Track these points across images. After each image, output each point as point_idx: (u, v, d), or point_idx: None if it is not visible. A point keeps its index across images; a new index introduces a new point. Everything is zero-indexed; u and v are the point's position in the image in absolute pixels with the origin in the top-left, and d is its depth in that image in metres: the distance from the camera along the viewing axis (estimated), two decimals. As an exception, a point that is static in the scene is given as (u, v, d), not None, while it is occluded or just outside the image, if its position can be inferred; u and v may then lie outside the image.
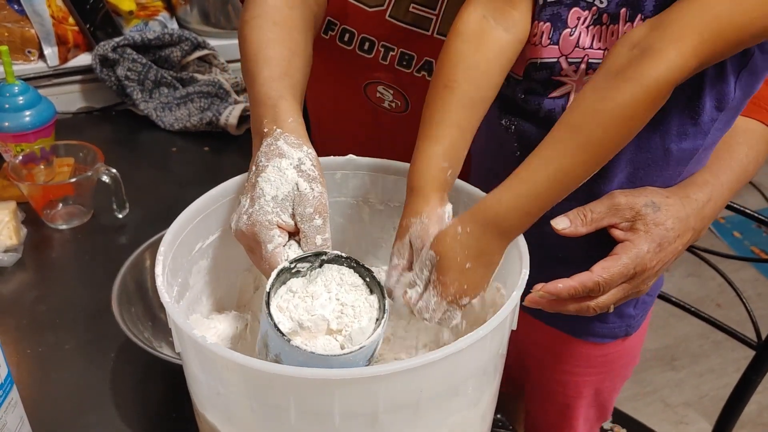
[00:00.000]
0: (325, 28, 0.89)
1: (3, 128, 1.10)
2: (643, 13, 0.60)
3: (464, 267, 0.55)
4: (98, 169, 1.05)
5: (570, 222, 0.64)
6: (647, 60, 0.55)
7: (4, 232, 1.00)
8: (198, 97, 1.33)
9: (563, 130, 0.56)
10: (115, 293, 0.84)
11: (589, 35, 0.64)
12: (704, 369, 1.95)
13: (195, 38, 1.39)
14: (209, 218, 0.62)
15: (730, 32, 0.56)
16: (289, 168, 0.58)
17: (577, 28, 0.64)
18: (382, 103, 0.92)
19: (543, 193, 0.55)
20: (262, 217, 0.57)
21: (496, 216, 0.55)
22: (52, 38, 1.36)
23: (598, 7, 0.63)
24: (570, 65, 0.66)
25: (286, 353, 0.53)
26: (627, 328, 0.81)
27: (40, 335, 0.89)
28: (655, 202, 0.66)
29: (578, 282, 0.62)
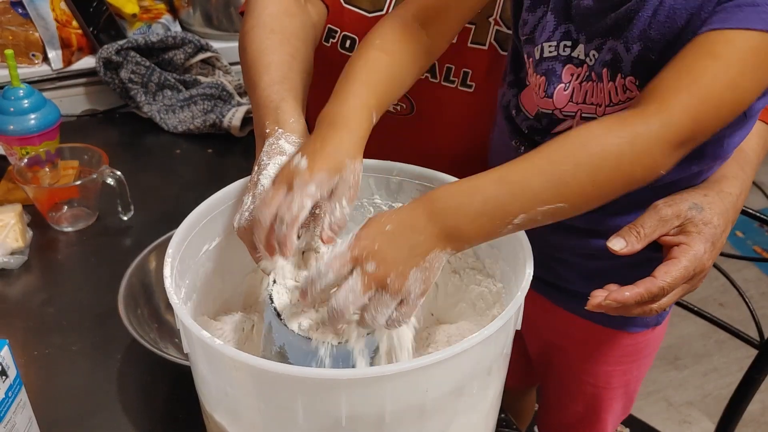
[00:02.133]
0: (326, 36, 0.89)
1: (8, 131, 1.10)
2: (623, 73, 0.63)
3: (384, 228, 0.52)
4: (103, 172, 1.06)
5: (626, 242, 0.65)
6: (637, 122, 0.55)
7: (10, 234, 1.01)
8: (201, 99, 1.34)
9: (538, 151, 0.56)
10: (121, 295, 0.84)
11: (582, 91, 0.67)
12: (707, 368, 1.95)
13: (198, 41, 1.40)
14: (215, 220, 0.63)
15: (719, 99, 0.56)
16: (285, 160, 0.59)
17: (570, 83, 0.67)
18: None
19: (488, 190, 0.53)
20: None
21: (433, 196, 0.54)
22: (56, 41, 1.37)
23: (588, 65, 0.66)
24: (565, 117, 0.68)
25: (289, 343, 0.53)
26: (658, 316, 0.82)
27: (47, 337, 0.90)
28: (696, 203, 0.67)
29: (644, 288, 0.62)
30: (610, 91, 0.64)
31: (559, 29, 0.67)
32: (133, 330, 0.80)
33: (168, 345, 0.85)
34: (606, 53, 0.64)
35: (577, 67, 0.67)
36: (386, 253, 0.51)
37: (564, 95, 0.67)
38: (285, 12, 0.77)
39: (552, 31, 0.67)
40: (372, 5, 0.88)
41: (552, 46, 0.67)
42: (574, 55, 0.67)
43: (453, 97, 0.89)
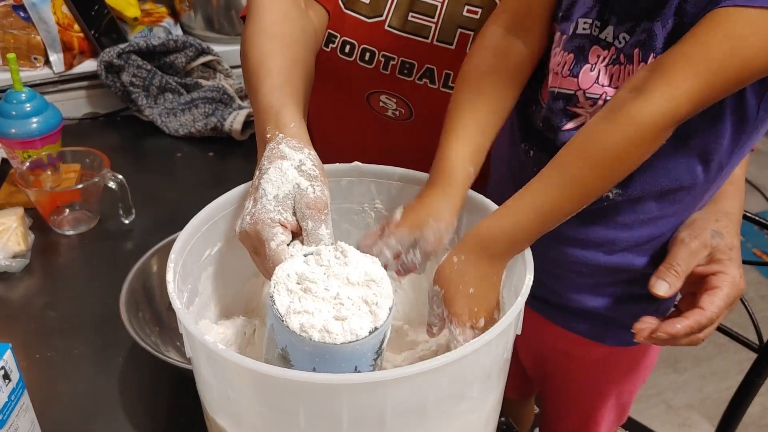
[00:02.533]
0: (326, 41, 0.90)
1: (10, 135, 1.11)
2: (655, 52, 0.62)
3: (468, 293, 0.59)
4: (105, 175, 1.06)
5: (669, 285, 0.68)
6: (638, 102, 0.57)
7: (12, 238, 1.01)
8: (202, 102, 1.34)
9: (553, 167, 0.61)
10: (123, 299, 0.84)
11: (607, 74, 0.66)
12: (707, 371, 1.95)
13: (199, 44, 1.40)
14: (217, 225, 0.63)
15: (731, 72, 0.58)
16: (290, 168, 0.60)
17: (596, 65, 0.67)
18: (385, 112, 0.93)
19: (528, 224, 0.59)
20: (265, 215, 0.58)
21: (485, 242, 0.60)
22: (57, 45, 1.37)
23: (616, 47, 0.65)
24: (587, 99, 0.68)
25: (292, 345, 0.53)
26: None
27: (49, 340, 0.90)
28: (715, 230, 0.70)
29: (694, 321, 0.65)
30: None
31: (595, 8, 0.67)
32: (134, 333, 0.81)
33: (170, 348, 0.85)
34: (639, 34, 0.64)
35: (603, 49, 0.66)
36: (481, 309, 0.60)
37: (590, 75, 0.67)
38: (286, 17, 0.78)
39: (590, 8, 0.68)
40: (371, 11, 0.88)
41: (587, 24, 0.68)
42: (601, 37, 0.67)
43: None
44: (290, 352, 0.54)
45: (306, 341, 0.52)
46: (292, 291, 0.54)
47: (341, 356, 0.53)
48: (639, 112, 0.57)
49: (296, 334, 0.52)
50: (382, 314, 0.54)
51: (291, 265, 0.55)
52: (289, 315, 0.53)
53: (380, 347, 0.56)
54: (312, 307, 0.53)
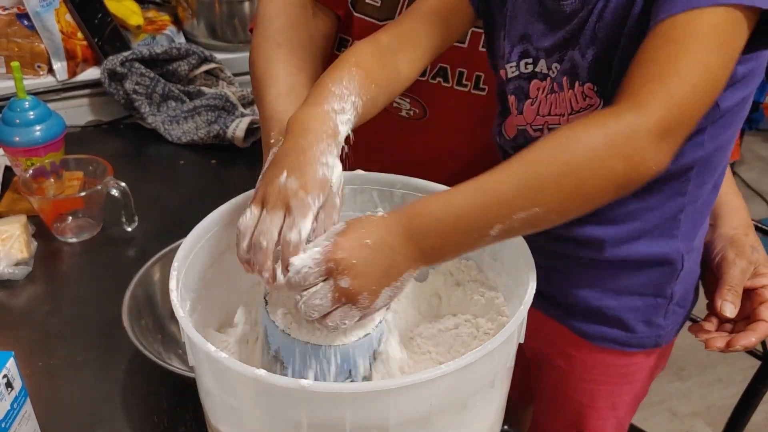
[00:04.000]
0: (338, 45, 0.90)
1: (14, 143, 1.11)
2: (580, 80, 0.65)
3: (363, 242, 0.52)
4: (108, 183, 1.07)
5: (734, 305, 0.72)
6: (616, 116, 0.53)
7: (15, 245, 1.02)
8: (205, 110, 1.35)
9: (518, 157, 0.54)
10: (125, 306, 0.85)
11: (548, 103, 0.69)
12: (711, 379, 1.94)
13: (202, 52, 1.40)
14: (221, 234, 0.63)
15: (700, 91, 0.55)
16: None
17: (537, 98, 0.70)
18: (399, 112, 0.93)
19: (462, 209, 0.52)
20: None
21: (406, 214, 0.53)
22: (61, 53, 1.38)
23: (551, 78, 0.68)
24: (535, 131, 0.71)
25: (284, 346, 0.53)
26: (656, 338, 0.81)
27: (51, 348, 0.90)
28: (752, 246, 0.76)
29: (762, 333, 0.71)
30: (570, 99, 0.66)
31: (516, 49, 0.70)
32: (137, 341, 0.81)
33: (172, 356, 0.85)
34: (566, 63, 0.66)
35: (542, 81, 0.69)
36: (362, 270, 0.51)
37: (531, 109, 0.70)
38: (292, 25, 0.79)
39: (509, 53, 0.70)
40: (382, 13, 0.88)
41: (513, 66, 0.71)
42: (537, 70, 0.69)
43: (466, 101, 0.90)
44: (283, 354, 0.53)
45: (296, 343, 0.52)
46: (287, 298, 0.53)
47: (332, 358, 0.53)
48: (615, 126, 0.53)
49: (287, 336, 0.52)
50: (374, 320, 0.53)
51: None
52: (280, 316, 0.52)
53: (375, 351, 0.55)
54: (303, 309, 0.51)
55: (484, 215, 0.51)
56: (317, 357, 0.53)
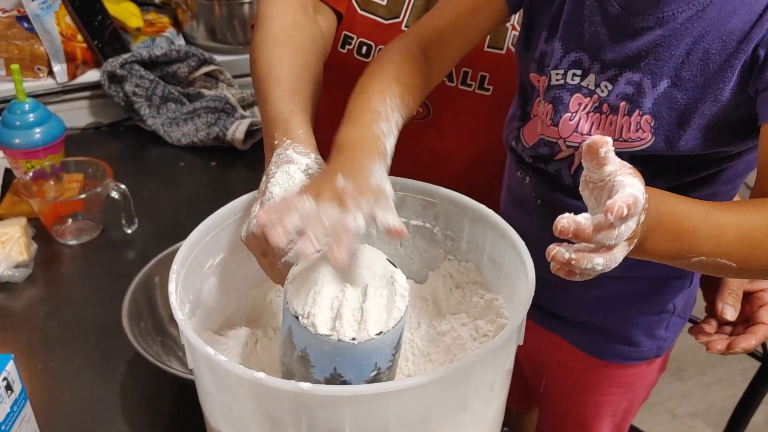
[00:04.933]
0: (342, 43, 0.90)
1: (13, 145, 1.11)
2: (642, 110, 0.62)
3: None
4: (107, 185, 1.07)
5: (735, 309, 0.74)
6: None
7: (15, 248, 1.02)
8: (205, 112, 1.35)
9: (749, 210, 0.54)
10: (125, 309, 0.85)
11: (588, 122, 0.66)
12: (711, 379, 1.94)
13: (201, 54, 1.40)
14: (219, 236, 0.63)
15: None
16: (297, 172, 0.60)
17: (577, 113, 0.66)
18: None
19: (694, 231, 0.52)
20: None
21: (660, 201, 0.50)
22: (61, 55, 1.38)
23: (599, 96, 0.65)
24: (568, 148, 0.68)
25: (311, 346, 0.52)
26: (658, 350, 0.81)
27: (51, 350, 0.90)
28: None
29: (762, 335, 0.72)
30: (622, 126, 0.63)
31: (568, 57, 0.67)
32: (136, 343, 0.81)
33: (171, 358, 0.85)
34: (624, 85, 0.63)
35: (585, 97, 0.66)
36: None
37: (570, 125, 0.67)
38: (294, 24, 0.79)
39: (560, 59, 0.67)
40: (388, 12, 0.89)
41: (559, 74, 0.67)
42: (583, 85, 0.66)
43: (470, 101, 0.90)
44: (310, 354, 0.53)
45: (325, 341, 0.51)
46: (308, 291, 0.53)
47: (362, 354, 0.52)
48: None
49: (315, 335, 0.51)
50: (400, 309, 0.53)
51: (303, 265, 0.55)
52: (306, 316, 0.52)
53: (398, 342, 0.55)
54: (327, 305, 0.52)
55: (703, 241, 0.52)
56: (347, 354, 0.52)
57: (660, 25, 0.60)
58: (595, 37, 0.64)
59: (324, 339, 0.51)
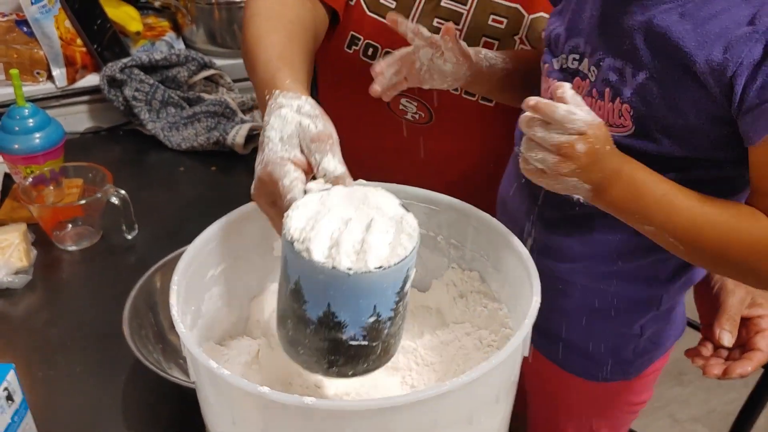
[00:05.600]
0: (349, 43, 0.91)
1: (13, 150, 1.11)
2: (622, 98, 0.63)
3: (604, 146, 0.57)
4: (107, 191, 1.06)
5: (732, 335, 0.74)
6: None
7: (14, 254, 1.01)
8: (205, 116, 1.34)
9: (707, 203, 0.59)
10: (125, 316, 0.84)
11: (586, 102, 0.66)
12: (712, 384, 1.94)
13: (201, 58, 1.40)
14: (220, 246, 0.63)
15: None
16: (289, 113, 0.59)
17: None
18: (405, 115, 0.94)
19: (655, 200, 0.58)
20: (274, 155, 0.56)
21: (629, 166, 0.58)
22: (60, 59, 1.37)
23: (590, 81, 0.66)
24: None
25: (304, 275, 0.49)
26: (624, 373, 0.81)
27: (51, 358, 0.90)
28: None
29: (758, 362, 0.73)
30: (609, 112, 0.65)
31: (569, 43, 0.68)
32: (137, 351, 0.80)
33: (172, 365, 0.85)
34: (607, 71, 0.64)
35: (582, 80, 0.67)
36: (593, 152, 0.56)
37: None
38: (281, 2, 0.79)
39: (563, 44, 0.69)
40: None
41: (562, 60, 0.70)
42: (581, 69, 0.67)
43: (473, 110, 0.90)
44: (303, 285, 0.49)
45: (319, 269, 0.47)
46: (308, 219, 0.50)
47: (359, 290, 0.49)
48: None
49: (309, 261, 0.48)
50: (405, 248, 0.49)
51: (307, 198, 0.53)
52: (302, 241, 0.49)
53: (402, 288, 0.51)
54: (327, 234, 0.49)
55: (657, 213, 0.59)
56: (342, 287, 0.48)
57: (642, 11, 0.61)
58: (590, 22, 0.66)
59: (318, 266, 0.47)
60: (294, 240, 0.49)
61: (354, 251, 0.48)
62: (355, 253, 0.48)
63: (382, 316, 0.51)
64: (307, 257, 0.48)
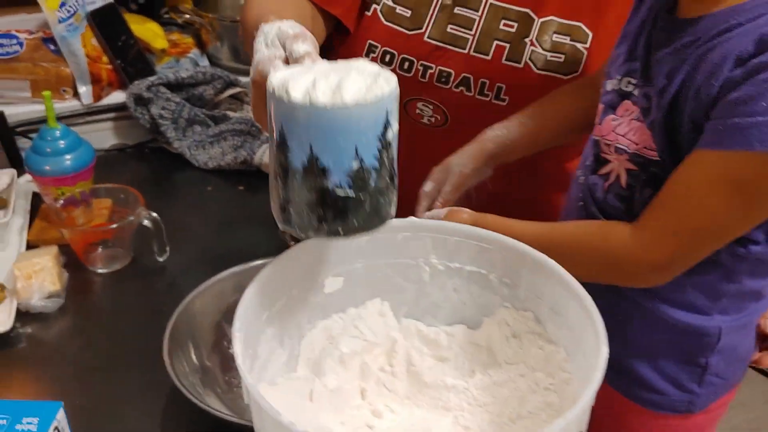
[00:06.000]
0: (367, 51, 0.94)
1: (44, 172, 1.10)
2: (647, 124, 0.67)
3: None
4: (140, 213, 1.06)
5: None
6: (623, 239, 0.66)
7: (47, 277, 1.01)
8: (231, 135, 1.34)
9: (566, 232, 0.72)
10: (165, 344, 0.84)
11: (628, 127, 0.70)
12: (734, 402, 1.92)
13: (227, 76, 1.40)
14: (273, 286, 0.62)
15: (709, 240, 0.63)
16: (270, 27, 0.61)
17: (623, 118, 0.71)
18: (421, 119, 0.96)
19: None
20: (262, 56, 0.59)
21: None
22: (86, 77, 1.37)
23: (638, 105, 0.69)
24: (607, 146, 0.73)
25: (286, 120, 0.51)
26: (689, 404, 0.80)
27: (88, 384, 0.90)
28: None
29: None
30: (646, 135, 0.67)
31: (625, 65, 0.71)
32: (177, 380, 0.80)
33: (210, 393, 0.84)
34: (641, 99, 0.67)
35: (633, 104, 0.69)
36: None
37: (610, 124, 0.71)
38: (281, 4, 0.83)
39: (619, 66, 0.72)
40: (412, 23, 0.93)
41: (615, 82, 0.72)
42: (635, 93, 0.69)
43: (487, 111, 0.93)
44: (286, 132, 0.51)
45: (297, 107, 0.49)
46: (290, 74, 0.52)
47: (336, 128, 0.50)
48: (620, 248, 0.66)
49: (288, 103, 0.49)
50: (382, 87, 0.50)
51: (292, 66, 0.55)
52: (282, 87, 0.50)
53: (383, 134, 0.52)
54: (306, 81, 0.50)
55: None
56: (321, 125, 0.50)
57: (677, 47, 0.64)
58: (643, 48, 0.69)
59: (297, 105, 0.49)
60: (275, 88, 0.51)
61: (330, 90, 0.50)
62: (331, 92, 0.50)
63: (365, 163, 0.52)
64: (286, 99, 0.50)
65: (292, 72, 0.53)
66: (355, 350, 0.66)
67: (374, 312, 0.68)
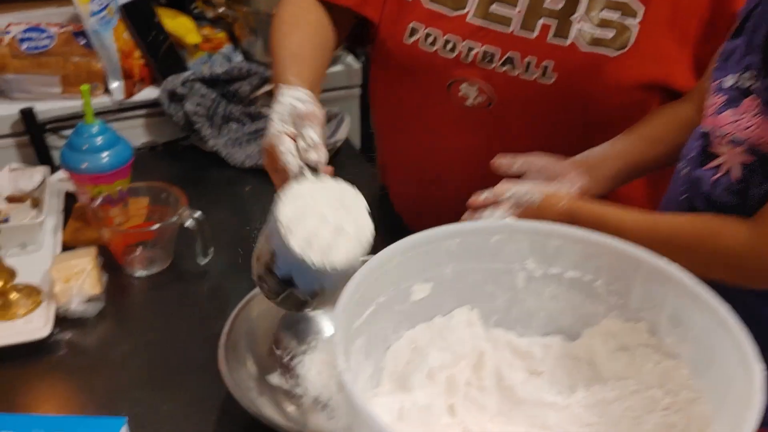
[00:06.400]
0: (410, 33, 0.94)
1: (81, 170, 1.05)
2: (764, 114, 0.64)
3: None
4: (183, 214, 1.01)
5: None
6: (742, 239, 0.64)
7: (87, 280, 0.96)
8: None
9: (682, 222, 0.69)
10: (221, 350, 0.79)
11: (749, 121, 0.66)
12: None
13: (264, 72, 1.35)
14: (363, 294, 0.57)
15: None
16: (286, 97, 0.76)
17: (745, 113, 0.67)
18: (465, 101, 0.95)
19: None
20: (273, 130, 0.74)
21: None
22: (118, 72, 1.32)
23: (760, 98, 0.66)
24: (717, 137, 0.69)
25: (281, 251, 0.65)
26: None
27: (133, 395, 0.85)
28: None
29: None
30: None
31: (745, 60, 0.67)
32: (234, 389, 0.75)
33: (264, 402, 0.79)
34: (762, 91, 0.63)
35: (756, 99, 0.66)
36: None
37: (728, 117, 0.68)
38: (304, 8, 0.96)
39: (738, 61, 0.68)
40: (455, 4, 0.92)
41: (735, 77, 0.69)
42: (756, 85, 0.66)
43: (532, 90, 0.90)
44: (278, 255, 0.67)
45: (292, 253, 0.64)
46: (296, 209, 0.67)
47: (316, 275, 0.65)
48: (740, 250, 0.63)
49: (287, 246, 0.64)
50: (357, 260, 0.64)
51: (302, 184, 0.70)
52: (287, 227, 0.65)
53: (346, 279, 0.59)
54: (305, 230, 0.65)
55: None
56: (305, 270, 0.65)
57: None
58: (763, 39, 0.66)
59: (292, 252, 0.64)
60: (282, 224, 0.65)
61: (321, 251, 0.64)
62: (321, 253, 0.64)
63: (325, 289, 0.69)
64: (287, 242, 0.64)
65: (300, 204, 0.68)
66: (444, 363, 0.61)
67: (462, 321, 0.63)
